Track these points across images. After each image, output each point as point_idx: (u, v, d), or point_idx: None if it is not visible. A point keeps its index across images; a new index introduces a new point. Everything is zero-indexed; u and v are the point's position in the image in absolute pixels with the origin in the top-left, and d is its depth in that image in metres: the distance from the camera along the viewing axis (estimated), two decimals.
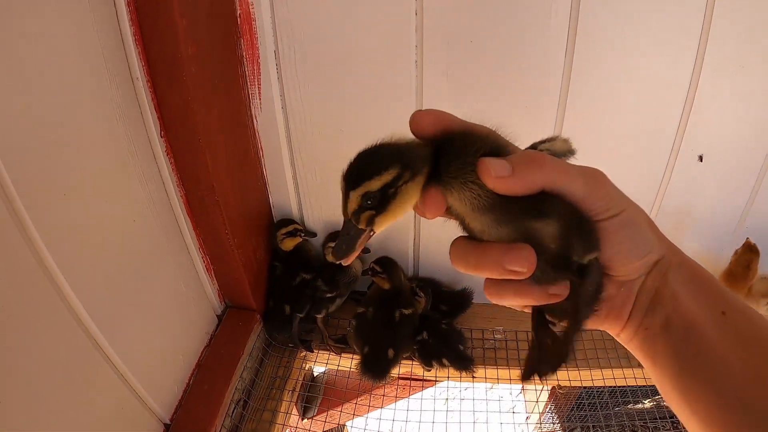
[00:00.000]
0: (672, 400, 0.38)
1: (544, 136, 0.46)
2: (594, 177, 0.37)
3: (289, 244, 1.02)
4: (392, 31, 0.83)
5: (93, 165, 0.68)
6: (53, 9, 0.59)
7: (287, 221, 1.03)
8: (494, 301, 0.39)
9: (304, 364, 1.02)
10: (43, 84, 0.59)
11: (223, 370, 0.93)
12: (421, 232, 1.06)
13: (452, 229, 0.40)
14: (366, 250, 1.06)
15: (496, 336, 1.01)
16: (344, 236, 0.37)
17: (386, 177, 0.36)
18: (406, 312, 0.93)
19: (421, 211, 0.39)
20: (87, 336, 0.67)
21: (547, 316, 0.42)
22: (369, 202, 0.36)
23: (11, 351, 0.55)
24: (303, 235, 1.03)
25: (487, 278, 0.38)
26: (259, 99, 0.91)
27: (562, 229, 0.36)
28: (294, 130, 0.93)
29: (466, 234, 0.40)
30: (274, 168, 0.98)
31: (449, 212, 0.39)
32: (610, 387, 1.04)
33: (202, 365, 0.93)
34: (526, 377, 0.43)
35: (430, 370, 0.97)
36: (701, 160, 0.97)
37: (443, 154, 0.37)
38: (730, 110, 0.92)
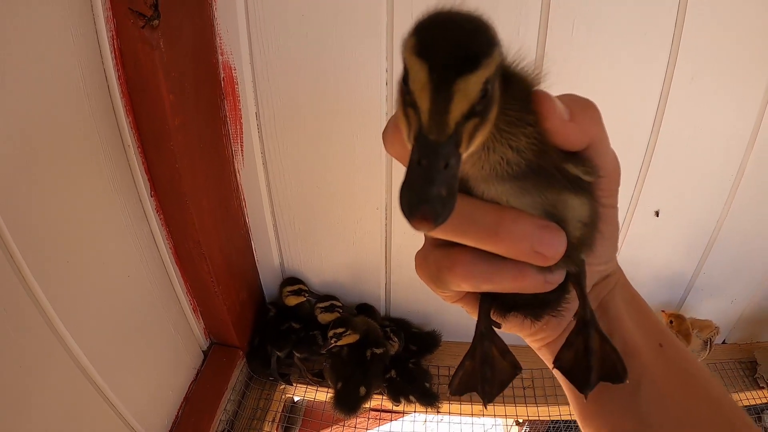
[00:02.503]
0: (591, 426, 0.36)
1: None
2: (617, 162, 0.34)
3: (292, 301, 1.17)
4: (363, 96, 0.95)
5: (90, 231, 0.80)
6: (49, 84, 0.69)
7: (294, 280, 1.18)
8: (468, 281, 0.31)
9: (283, 396, 1.15)
10: (45, 162, 0.70)
11: (209, 403, 1.06)
12: (392, 273, 1.19)
13: None
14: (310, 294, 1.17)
15: None
16: (440, 171, 0.23)
17: (499, 57, 0.24)
18: (377, 351, 1.06)
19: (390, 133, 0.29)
20: (86, 377, 0.80)
21: (493, 315, 0.36)
22: (481, 101, 0.23)
23: (21, 393, 0.67)
24: (307, 295, 1.17)
25: (474, 249, 0.30)
26: (242, 155, 1.04)
27: (593, 212, 0.31)
28: (274, 185, 1.06)
29: None
30: (256, 218, 1.11)
31: None
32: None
33: (190, 399, 1.06)
34: (458, 392, 0.38)
35: (398, 405, 1.10)
36: (657, 215, 1.09)
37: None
38: (687, 168, 1.03)
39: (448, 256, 0.32)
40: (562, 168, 0.29)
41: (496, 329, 0.36)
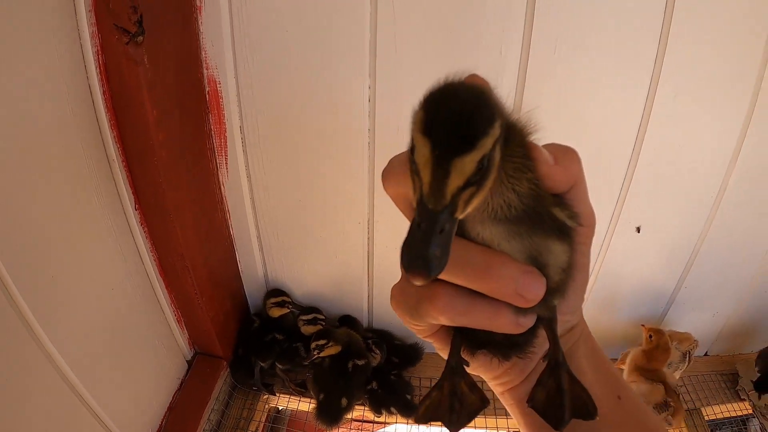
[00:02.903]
0: None
1: None
2: (592, 208, 0.36)
3: (276, 313, 1.19)
4: (346, 111, 0.97)
5: (75, 244, 0.82)
6: (34, 98, 0.71)
7: (278, 292, 1.20)
8: (446, 318, 0.33)
9: (267, 406, 1.17)
10: (29, 176, 0.71)
11: (193, 412, 1.08)
12: (375, 286, 1.21)
13: None
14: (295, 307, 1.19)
15: None
16: (436, 235, 0.26)
17: (497, 132, 0.26)
18: (359, 363, 1.08)
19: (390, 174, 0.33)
20: (70, 388, 0.81)
21: (462, 352, 0.37)
22: (477, 174, 0.26)
23: (6, 405, 0.69)
24: (291, 307, 1.18)
25: (455, 284, 0.32)
26: (226, 168, 1.05)
27: (570, 260, 0.33)
28: (258, 197, 1.08)
29: None
30: (240, 231, 1.13)
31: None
32: None
33: (174, 408, 1.08)
34: (423, 420, 0.39)
35: (379, 416, 1.12)
36: (639, 231, 1.11)
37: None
38: (669, 184, 1.05)
39: (429, 288, 0.33)
40: (551, 213, 0.32)
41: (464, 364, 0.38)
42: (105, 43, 0.79)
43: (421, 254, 0.26)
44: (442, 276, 0.31)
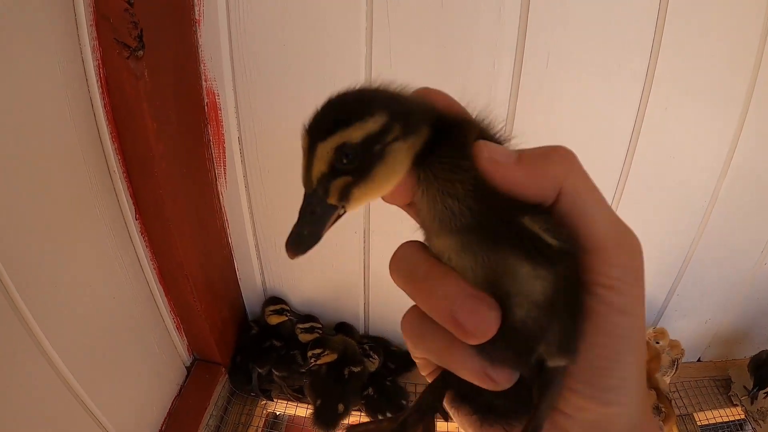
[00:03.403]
0: None
1: None
2: (629, 231, 0.27)
3: (274, 320, 1.21)
4: None
5: (77, 253, 0.84)
6: (36, 110, 0.73)
7: (277, 300, 1.22)
8: (406, 337, 0.31)
9: (264, 411, 1.19)
10: (32, 187, 0.73)
11: (192, 418, 1.10)
12: (371, 294, 1.23)
13: (401, 290, 0.31)
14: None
15: None
16: (306, 216, 0.28)
17: (371, 125, 0.27)
18: (355, 369, 1.10)
19: (387, 196, 0.30)
20: (72, 394, 0.83)
21: (446, 401, 0.33)
22: (345, 162, 0.27)
23: (8, 410, 0.71)
24: (289, 315, 1.20)
25: (416, 305, 0.30)
26: (225, 178, 1.07)
27: (554, 293, 0.26)
28: (256, 207, 1.10)
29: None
30: (238, 239, 1.15)
31: (411, 208, 0.31)
32: None
33: (173, 414, 1.10)
34: None
35: None
36: None
37: (440, 136, 0.29)
38: (660, 194, 1.07)
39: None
40: (516, 221, 0.26)
41: (441, 415, 0.33)
42: (106, 57, 0.81)
43: (291, 232, 0.29)
44: (399, 285, 0.31)
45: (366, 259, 1.15)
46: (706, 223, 1.13)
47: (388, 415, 1.10)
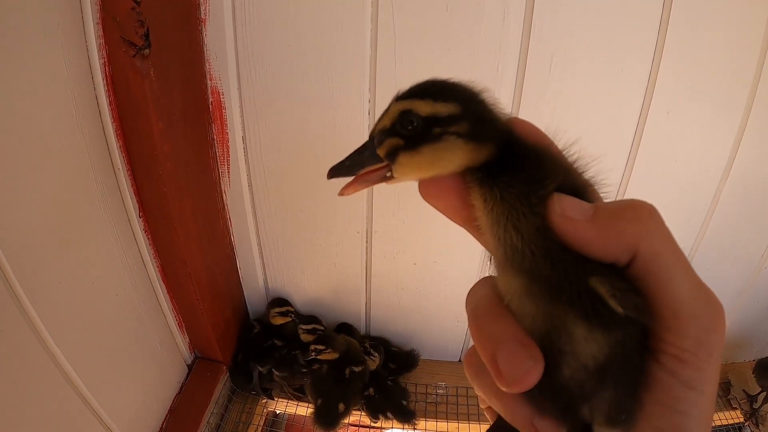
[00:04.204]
0: None
1: None
2: (711, 302, 0.25)
3: (278, 321, 1.22)
4: (346, 124, 0.99)
5: (81, 250, 0.84)
6: (42, 108, 0.73)
7: (282, 301, 1.23)
8: (466, 371, 0.32)
9: (265, 410, 1.19)
10: (36, 183, 0.74)
11: (192, 416, 1.10)
12: (372, 294, 1.24)
13: (403, 291, 0.32)
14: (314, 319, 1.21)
15: (438, 391, 1.19)
16: (355, 154, 0.31)
17: (440, 108, 0.29)
18: (356, 369, 1.11)
19: (428, 191, 0.31)
20: (74, 390, 0.84)
21: None
22: (405, 127, 0.29)
23: (11, 406, 0.71)
24: (293, 316, 1.21)
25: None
26: (228, 177, 1.08)
27: (607, 359, 0.25)
28: (259, 206, 1.11)
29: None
30: (241, 238, 1.16)
31: (479, 233, 0.30)
32: None
33: (174, 411, 1.11)
34: None
35: (376, 422, 1.14)
36: None
37: (510, 163, 0.29)
38: (661, 199, 1.07)
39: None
40: (583, 279, 0.25)
41: None
42: (112, 56, 0.82)
43: (339, 163, 0.32)
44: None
45: (368, 259, 1.16)
46: (707, 228, 1.14)
47: (389, 415, 1.11)
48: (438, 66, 0.92)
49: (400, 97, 0.30)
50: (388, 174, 0.31)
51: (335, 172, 0.31)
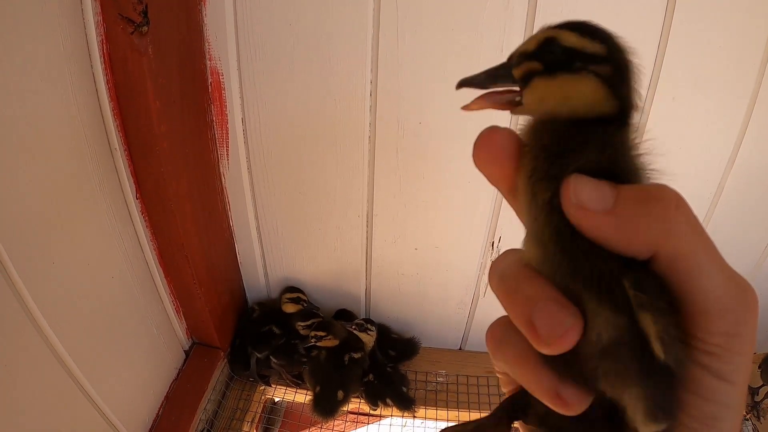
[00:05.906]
0: None
1: None
2: (745, 291, 0.24)
3: (289, 308, 1.20)
4: (347, 105, 0.99)
5: (76, 231, 0.83)
6: (37, 86, 0.72)
7: (294, 289, 1.22)
8: (488, 344, 0.31)
9: (263, 397, 1.19)
10: (31, 163, 0.73)
11: (189, 402, 1.10)
12: (372, 280, 1.23)
13: (403, 277, 0.30)
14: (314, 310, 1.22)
15: (438, 379, 1.19)
16: (491, 69, 0.30)
17: (587, 45, 0.28)
18: (355, 356, 1.10)
19: (484, 155, 0.29)
20: (69, 375, 0.83)
21: (522, 423, 0.33)
22: (547, 53, 0.28)
23: (5, 390, 0.71)
24: (305, 304, 1.20)
25: (508, 320, 0.29)
26: (227, 159, 1.07)
27: (625, 342, 0.25)
28: (258, 189, 1.10)
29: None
30: (240, 222, 1.15)
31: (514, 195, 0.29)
32: None
33: (171, 397, 1.10)
34: None
35: (375, 409, 1.14)
36: None
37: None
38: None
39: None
40: (610, 269, 0.25)
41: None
42: (110, 33, 0.81)
43: (473, 76, 0.30)
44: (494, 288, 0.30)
45: (368, 244, 1.16)
46: (710, 220, 1.14)
47: (388, 402, 1.10)
48: (442, 46, 0.91)
49: (551, 25, 0.29)
50: (518, 98, 0.29)
51: (467, 82, 0.30)
